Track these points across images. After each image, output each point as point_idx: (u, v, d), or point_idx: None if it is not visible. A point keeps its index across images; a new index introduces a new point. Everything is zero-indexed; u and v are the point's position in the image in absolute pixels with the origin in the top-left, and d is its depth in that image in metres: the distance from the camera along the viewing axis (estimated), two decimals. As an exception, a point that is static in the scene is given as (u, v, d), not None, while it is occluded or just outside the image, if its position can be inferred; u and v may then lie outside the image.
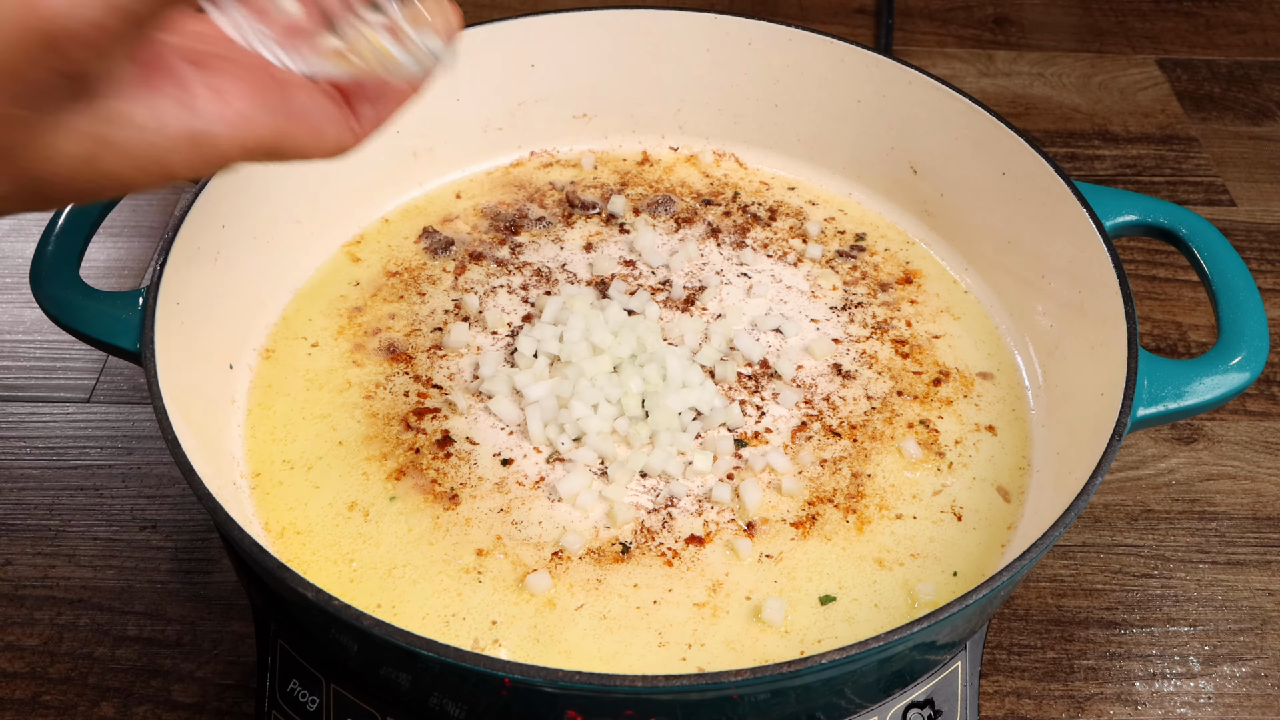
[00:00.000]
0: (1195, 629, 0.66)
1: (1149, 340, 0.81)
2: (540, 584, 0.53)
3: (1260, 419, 0.77)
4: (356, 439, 0.59)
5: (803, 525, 0.56)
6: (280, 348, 0.63)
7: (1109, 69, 1.07)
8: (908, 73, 0.70)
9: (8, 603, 0.64)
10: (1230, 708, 0.63)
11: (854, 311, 0.67)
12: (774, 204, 0.74)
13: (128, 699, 0.60)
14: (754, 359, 0.63)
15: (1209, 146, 0.99)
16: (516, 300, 0.66)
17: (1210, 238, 0.60)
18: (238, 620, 0.63)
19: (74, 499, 0.69)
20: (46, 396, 0.74)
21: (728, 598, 0.53)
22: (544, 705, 0.44)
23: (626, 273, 0.68)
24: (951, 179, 0.71)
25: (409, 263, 0.69)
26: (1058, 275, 0.64)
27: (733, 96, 0.76)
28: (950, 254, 0.72)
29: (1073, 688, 0.63)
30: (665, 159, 0.78)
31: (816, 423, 0.61)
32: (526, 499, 0.56)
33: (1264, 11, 1.15)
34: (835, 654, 0.42)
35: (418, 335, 0.64)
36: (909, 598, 0.54)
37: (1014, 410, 0.63)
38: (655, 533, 0.55)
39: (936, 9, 1.13)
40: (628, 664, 0.51)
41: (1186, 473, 0.74)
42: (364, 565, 0.54)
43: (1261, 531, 0.71)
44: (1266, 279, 0.87)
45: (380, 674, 0.47)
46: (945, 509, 0.58)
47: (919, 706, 0.51)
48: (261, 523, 0.55)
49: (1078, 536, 0.70)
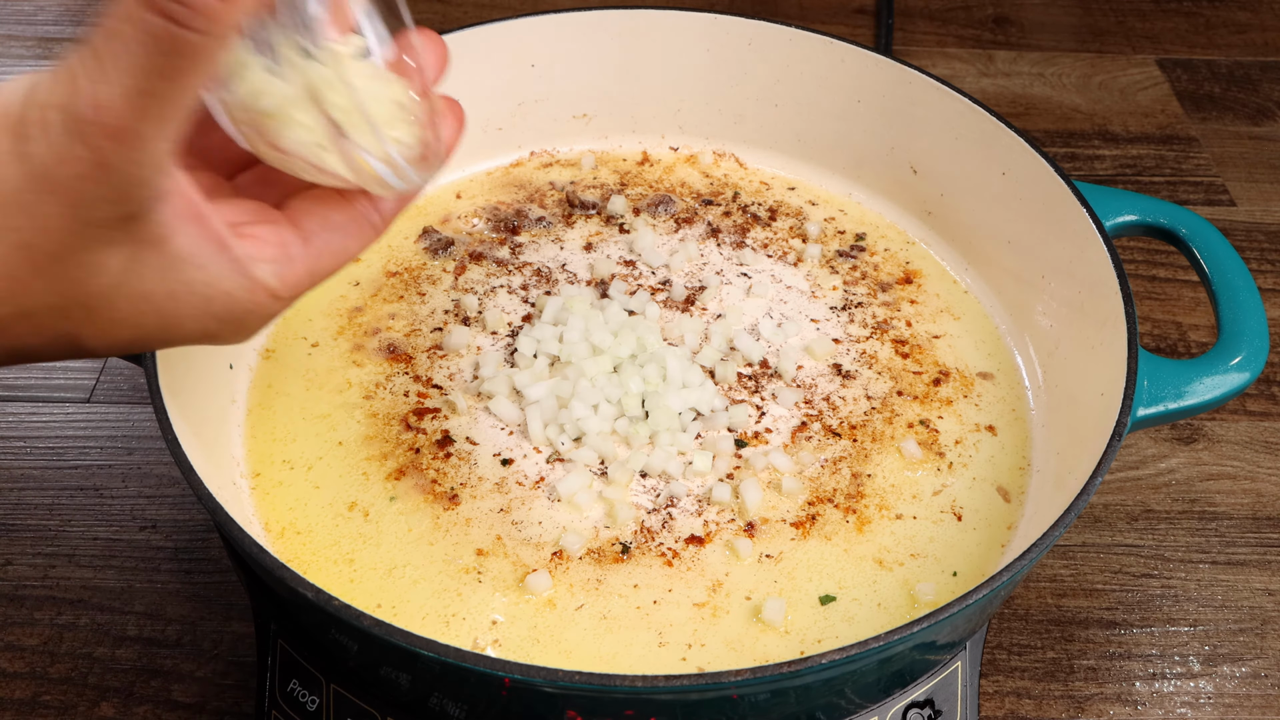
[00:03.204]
0: (1195, 629, 0.66)
1: (1149, 340, 0.81)
2: (540, 584, 0.53)
3: (1260, 419, 0.77)
4: (356, 439, 0.59)
5: (803, 525, 0.56)
6: (280, 348, 0.63)
7: (1109, 69, 1.07)
8: (908, 73, 0.70)
9: (8, 603, 0.64)
10: (1230, 708, 0.63)
11: (854, 311, 0.67)
12: (774, 204, 0.74)
13: (128, 699, 0.60)
14: (754, 359, 0.63)
15: (1209, 146, 0.99)
16: (516, 300, 0.67)
17: (1210, 238, 0.61)
18: (238, 620, 0.63)
19: (74, 499, 0.69)
20: (46, 396, 0.74)
21: (728, 598, 0.53)
22: (544, 705, 0.44)
23: (626, 273, 0.68)
24: (951, 179, 0.71)
25: (409, 263, 0.69)
26: (1058, 275, 0.64)
27: (733, 96, 0.76)
28: (950, 254, 0.72)
29: (1073, 688, 0.63)
30: (665, 159, 0.78)
31: (816, 423, 0.61)
32: (526, 499, 0.56)
33: (1264, 11, 1.15)
34: (835, 654, 0.42)
35: (418, 335, 0.64)
36: (909, 598, 0.54)
37: (1014, 410, 0.63)
38: (655, 533, 0.55)
39: (936, 9, 1.13)
40: (628, 664, 0.51)
41: (1186, 473, 0.74)
42: (364, 565, 0.54)
43: (1261, 531, 0.71)
44: (1266, 279, 0.87)
45: (380, 674, 0.47)
46: (945, 509, 0.58)
47: (919, 706, 0.51)
48: (261, 523, 0.55)
49: (1078, 536, 0.70)
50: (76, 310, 0.35)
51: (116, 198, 0.33)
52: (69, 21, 1.06)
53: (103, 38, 0.32)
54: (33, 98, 0.32)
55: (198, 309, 0.37)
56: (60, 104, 0.32)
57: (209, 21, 0.31)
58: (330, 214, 0.41)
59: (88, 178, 0.32)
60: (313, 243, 0.40)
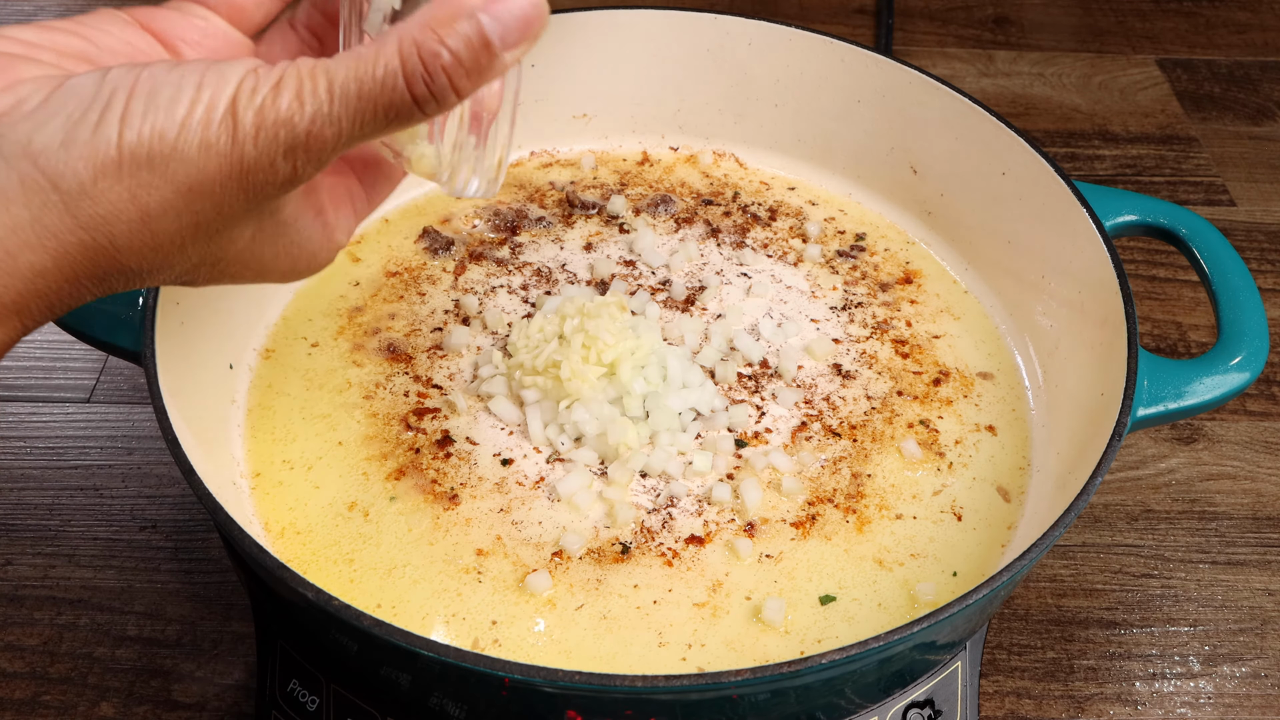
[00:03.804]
0: (1195, 629, 0.66)
1: (1149, 340, 0.81)
2: (540, 584, 0.53)
3: (1260, 419, 0.77)
4: (356, 439, 0.59)
5: (803, 525, 0.56)
6: (280, 348, 0.63)
7: (1109, 69, 1.07)
8: (908, 73, 0.70)
9: (8, 603, 0.64)
10: (1230, 708, 0.63)
11: (854, 311, 0.67)
12: (774, 204, 0.74)
13: (128, 699, 0.60)
14: (754, 359, 0.63)
15: (1209, 146, 0.99)
16: (516, 300, 0.66)
17: (1210, 238, 0.61)
18: (238, 620, 0.63)
19: (74, 499, 0.69)
20: (46, 396, 0.74)
21: (728, 598, 0.53)
22: (544, 705, 0.44)
23: (626, 273, 0.68)
24: (951, 179, 0.71)
25: (409, 263, 0.69)
26: (1058, 275, 0.64)
27: (733, 96, 0.76)
28: (950, 254, 0.72)
29: (1073, 688, 0.63)
30: (665, 159, 0.78)
31: (816, 423, 0.61)
32: (526, 499, 0.56)
33: (1264, 11, 1.15)
34: (835, 654, 0.42)
35: (418, 335, 0.64)
36: (909, 598, 0.54)
37: (1014, 410, 0.63)
38: (655, 533, 0.55)
39: (936, 9, 1.13)
40: (628, 664, 0.51)
41: (1186, 473, 0.74)
42: (364, 565, 0.54)
43: (1261, 531, 0.71)
44: (1266, 279, 0.87)
45: (380, 674, 0.47)
46: (945, 509, 0.58)
47: (919, 706, 0.51)
48: (261, 523, 0.55)
49: (1078, 536, 0.70)
50: (205, 267, 0.39)
51: (286, 193, 0.37)
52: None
53: (345, 75, 0.35)
54: (252, 101, 0.35)
55: (285, 262, 0.42)
56: (282, 121, 0.35)
57: (439, 108, 0.36)
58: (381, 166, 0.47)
59: (279, 184, 0.36)
60: (371, 198, 0.47)
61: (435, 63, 0.35)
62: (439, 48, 0.35)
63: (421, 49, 0.35)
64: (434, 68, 0.35)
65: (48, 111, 0.35)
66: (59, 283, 0.36)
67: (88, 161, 0.34)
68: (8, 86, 0.35)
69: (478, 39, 0.35)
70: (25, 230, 0.34)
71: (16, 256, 0.34)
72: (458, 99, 0.36)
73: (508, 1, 0.35)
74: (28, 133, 0.34)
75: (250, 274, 0.41)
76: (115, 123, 0.34)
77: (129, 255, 0.36)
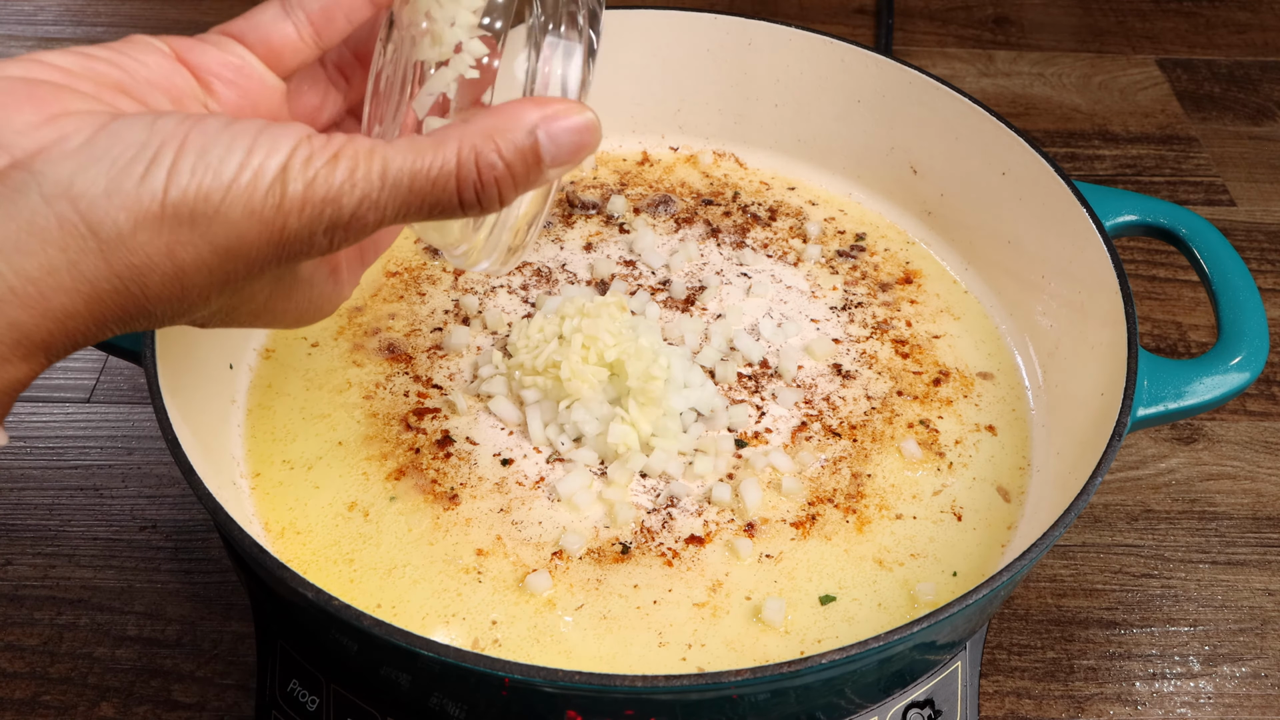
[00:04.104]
0: (1195, 629, 0.66)
1: (1149, 340, 0.81)
2: (540, 584, 0.53)
3: (1260, 419, 0.77)
4: (356, 439, 0.59)
5: (803, 525, 0.56)
6: (280, 348, 0.63)
7: (1109, 69, 1.07)
8: (908, 73, 0.70)
9: (8, 603, 0.64)
10: (1230, 708, 0.63)
11: (854, 311, 0.67)
12: (774, 204, 0.74)
13: (128, 699, 0.60)
14: (754, 359, 0.63)
15: (1209, 146, 0.99)
16: (516, 300, 0.67)
17: (1210, 238, 0.61)
18: (238, 620, 0.63)
19: (74, 499, 0.69)
20: (46, 396, 0.74)
21: (728, 598, 0.53)
22: (544, 705, 0.44)
23: (626, 273, 0.68)
24: (951, 179, 0.71)
25: (409, 263, 0.69)
26: (1058, 275, 0.64)
27: (733, 96, 0.76)
28: (950, 254, 0.72)
29: (1073, 688, 0.63)
30: (665, 159, 0.78)
31: (816, 423, 0.61)
32: (526, 499, 0.56)
33: (1264, 11, 1.15)
34: (835, 654, 0.42)
35: (417, 335, 0.64)
36: (909, 598, 0.54)
37: (1014, 410, 0.63)
38: (655, 533, 0.55)
39: (936, 9, 1.13)
40: (628, 664, 0.51)
41: (1186, 473, 0.74)
42: (364, 565, 0.54)
43: (1261, 531, 0.71)
44: (1266, 279, 0.87)
45: (380, 674, 0.47)
46: (945, 509, 0.58)
47: (919, 706, 0.51)
48: (261, 523, 0.55)
49: (1078, 536, 0.70)
50: (221, 314, 0.40)
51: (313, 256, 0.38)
52: (69, 21, 1.06)
53: (400, 164, 0.36)
54: (304, 171, 0.35)
55: (294, 314, 0.44)
56: (330, 198, 0.35)
57: (481, 212, 0.38)
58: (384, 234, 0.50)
59: (313, 254, 0.37)
60: (377, 250, 0.49)
61: (490, 173, 0.37)
62: (496, 159, 0.36)
63: (480, 157, 0.36)
64: (488, 178, 0.37)
65: (92, 154, 0.34)
66: (87, 324, 0.36)
67: (130, 212, 0.34)
68: (50, 119, 0.35)
69: (532, 155, 0.37)
70: (61, 274, 0.34)
71: (50, 299, 0.34)
72: (500, 207, 0.38)
73: (564, 121, 0.37)
74: (70, 173, 0.34)
75: (260, 321, 0.43)
76: (162, 176, 0.34)
77: (157, 303, 0.36)
